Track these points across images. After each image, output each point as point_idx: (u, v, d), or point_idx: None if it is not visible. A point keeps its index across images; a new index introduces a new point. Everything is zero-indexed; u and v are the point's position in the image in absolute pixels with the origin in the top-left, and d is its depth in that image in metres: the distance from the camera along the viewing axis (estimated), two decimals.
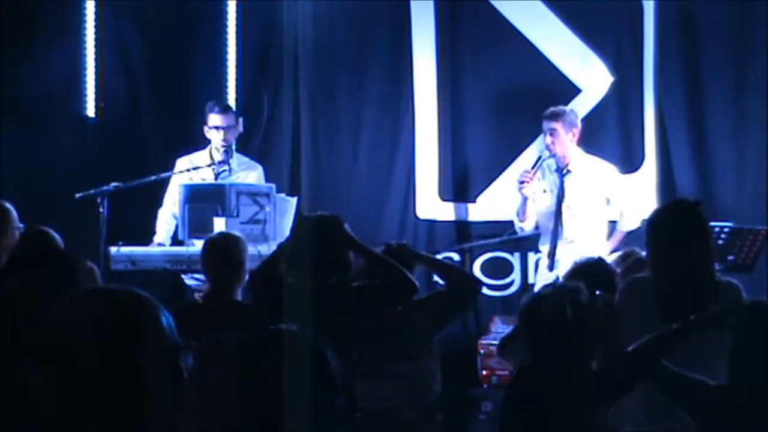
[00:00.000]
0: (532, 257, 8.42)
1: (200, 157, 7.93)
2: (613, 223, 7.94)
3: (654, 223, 4.94)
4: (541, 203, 7.85)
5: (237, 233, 6.13)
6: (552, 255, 7.73)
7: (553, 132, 7.74)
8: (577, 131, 7.81)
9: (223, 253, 5.83)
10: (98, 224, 7.31)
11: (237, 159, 7.97)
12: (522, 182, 7.73)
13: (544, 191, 7.84)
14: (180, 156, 7.98)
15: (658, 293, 4.70)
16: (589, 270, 5.14)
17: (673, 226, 4.85)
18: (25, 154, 8.29)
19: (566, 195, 7.76)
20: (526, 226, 7.91)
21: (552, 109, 7.83)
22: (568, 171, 7.81)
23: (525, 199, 7.78)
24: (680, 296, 4.62)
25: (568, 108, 7.94)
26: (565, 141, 7.77)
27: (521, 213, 7.86)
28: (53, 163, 8.36)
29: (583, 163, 7.87)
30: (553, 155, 7.76)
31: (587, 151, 7.97)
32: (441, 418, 5.78)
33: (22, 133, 8.31)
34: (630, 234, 7.75)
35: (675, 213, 4.99)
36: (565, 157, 7.79)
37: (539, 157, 7.83)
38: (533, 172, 7.74)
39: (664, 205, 5.27)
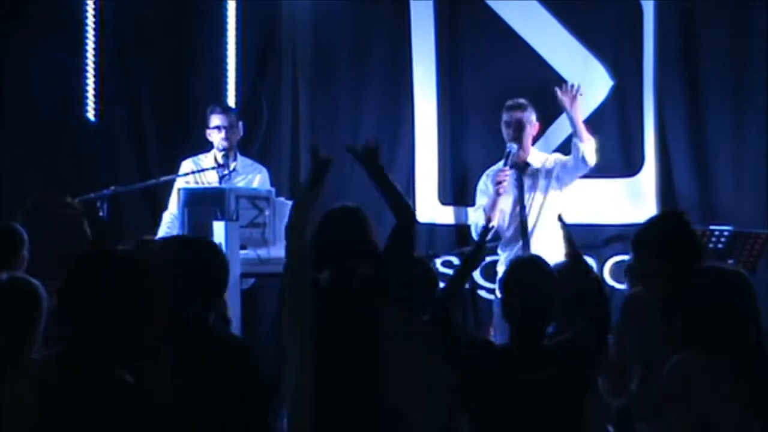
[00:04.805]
0: None
1: (205, 160, 7.92)
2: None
3: (639, 238, 4.91)
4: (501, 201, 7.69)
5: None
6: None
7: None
8: (536, 127, 7.74)
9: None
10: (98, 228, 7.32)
11: (241, 161, 7.96)
12: (500, 182, 7.52)
13: None
14: (184, 159, 7.99)
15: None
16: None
17: (657, 238, 4.80)
18: (26, 158, 8.28)
19: (526, 190, 7.65)
20: (494, 224, 7.78)
21: (515, 100, 7.71)
22: (527, 164, 7.69)
23: (498, 197, 7.58)
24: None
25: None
26: (527, 134, 7.69)
27: (489, 211, 7.60)
28: (53, 167, 8.36)
29: (539, 158, 7.75)
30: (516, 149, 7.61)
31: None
32: None
33: (23, 136, 8.31)
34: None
35: (659, 227, 4.94)
36: (524, 151, 7.70)
37: (508, 152, 7.61)
38: (507, 168, 7.58)
39: (648, 219, 5.15)
